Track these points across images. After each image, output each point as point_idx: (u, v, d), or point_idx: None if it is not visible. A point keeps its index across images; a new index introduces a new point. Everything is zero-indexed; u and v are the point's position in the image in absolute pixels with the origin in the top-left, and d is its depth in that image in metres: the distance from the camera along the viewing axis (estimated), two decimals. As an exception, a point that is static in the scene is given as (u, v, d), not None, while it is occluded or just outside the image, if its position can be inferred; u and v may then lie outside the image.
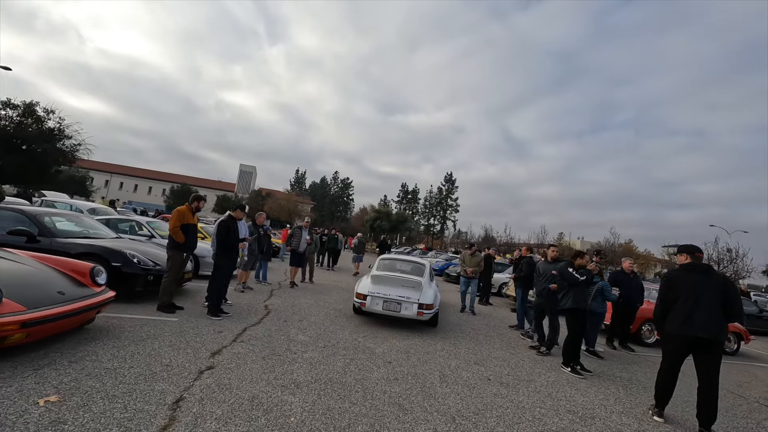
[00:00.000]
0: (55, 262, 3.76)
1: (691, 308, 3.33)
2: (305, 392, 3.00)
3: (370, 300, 5.36)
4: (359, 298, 5.47)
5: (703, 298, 3.32)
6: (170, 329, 4.11)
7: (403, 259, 7.19)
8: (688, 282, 3.45)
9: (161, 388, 2.74)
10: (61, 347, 3.21)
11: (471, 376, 3.96)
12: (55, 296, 3.19)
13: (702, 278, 3.43)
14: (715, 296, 3.31)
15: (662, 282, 3.79)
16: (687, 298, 3.38)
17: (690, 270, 3.56)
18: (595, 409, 3.50)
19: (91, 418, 2.24)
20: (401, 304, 5.28)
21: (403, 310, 5.27)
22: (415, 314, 5.23)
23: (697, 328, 3.27)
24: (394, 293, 5.38)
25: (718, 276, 3.51)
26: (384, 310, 5.33)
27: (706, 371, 3.30)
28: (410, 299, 5.29)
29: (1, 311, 2.66)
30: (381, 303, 5.33)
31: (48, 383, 2.58)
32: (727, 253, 31.73)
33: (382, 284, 5.65)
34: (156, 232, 7.62)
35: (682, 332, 3.34)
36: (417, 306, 5.23)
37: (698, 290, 3.36)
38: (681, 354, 3.44)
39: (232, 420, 2.44)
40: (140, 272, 4.99)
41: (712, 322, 3.26)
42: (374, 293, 5.40)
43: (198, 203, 5.20)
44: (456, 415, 2.97)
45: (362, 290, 5.52)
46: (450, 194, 65.74)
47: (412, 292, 5.45)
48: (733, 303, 3.34)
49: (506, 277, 11.48)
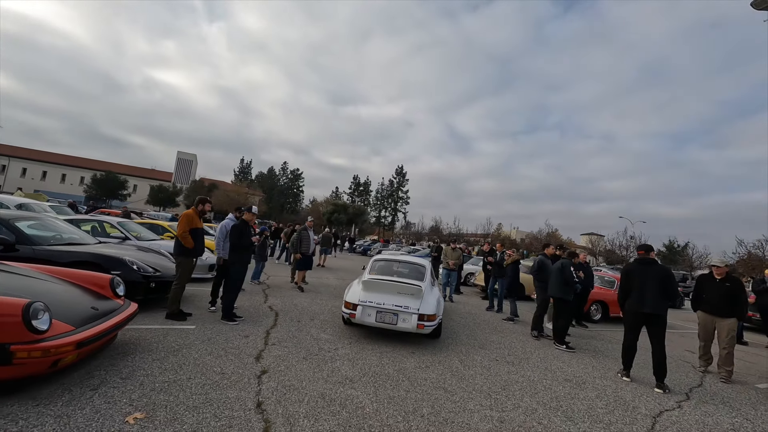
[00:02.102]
0: (70, 276, 3.47)
1: (642, 291, 4.36)
2: (362, 386, 3.31)
3: (360, 310, 4.60)
4: (348, 307, 4.69)
5: (649, 284, 4.34)
6: (196, 337, 4.04)
7: (401, 260, 6.25)
8: (639, 272, 4.48)
9: (234, 395, 2.84)
10: (99, 365, 3.07)
11: (482, 359, 4.59)
12: (92, 312, 3.02)
13: (648, 269, 4.46)
14: (657, 282, 4.33)
15: (622, 273, 4.88)
16: (639, 284, 4.40)
17: (640, 263, 4.61)
18: (582, 376, 4.36)
19: (192, 428, 2.33)
20: (398, 315, 4.56)
21: (400, 323, 4.54)
22: (414, 327, 4.51)
23: (647, 305, 4.30)
24: (389, 302, 4.61)
25: (659, 267, 4.54)
26: (377, 323, 4.59)
27: (655, 339, 4.35)
28: (409, 309, 4.55)
29: (53, 333, 2.52)
30: (374, 314, 4.60)
31: (118, 401, 2.54)
32: (631, 240, 38.12)
33: (376, 291, 4.82)
34: (130, 234, 6.96)
35: (636, 309, 4.38)
36: (417, 317, 4.51)
37: (645, 278, 4.39)
38: (638, 326, 4.49)
39: (320, 416, 2.68)
40: (141, 280, 4.70)
41: (656, 300, 4.29)
42: (366, 302, 4.63)
43: (204, 206, 5.00)
44: (489, 392, 3.54)
45: (352, 299, 4.74)
46: (401, 187, 67.56)
47: (411, 300, 4.68)
48: (670, 286, 4.40)
49: (473, 268, 12.61)
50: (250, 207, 5.47)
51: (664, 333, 4.37)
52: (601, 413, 3.35)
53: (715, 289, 5.04)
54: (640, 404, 3.69)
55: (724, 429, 3.36)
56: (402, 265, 5.98)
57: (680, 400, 3.98)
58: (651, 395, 3.99)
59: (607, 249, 41.26)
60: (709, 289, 5.12)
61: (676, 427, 3.25)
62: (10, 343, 2.26)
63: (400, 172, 68.26)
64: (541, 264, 6.30)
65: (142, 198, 46.40)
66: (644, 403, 3.74)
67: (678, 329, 9.13)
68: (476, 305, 8.91)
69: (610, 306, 8.43)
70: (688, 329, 9.19)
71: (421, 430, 2.65)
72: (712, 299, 5.03)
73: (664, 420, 3.38)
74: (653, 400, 3.84)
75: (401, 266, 5.93)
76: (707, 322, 5.12)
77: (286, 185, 74.31)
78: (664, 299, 4.36)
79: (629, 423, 3.21)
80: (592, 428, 3.02)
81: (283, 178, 75.27)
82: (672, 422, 3.35)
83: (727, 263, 5.30)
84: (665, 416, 3.47)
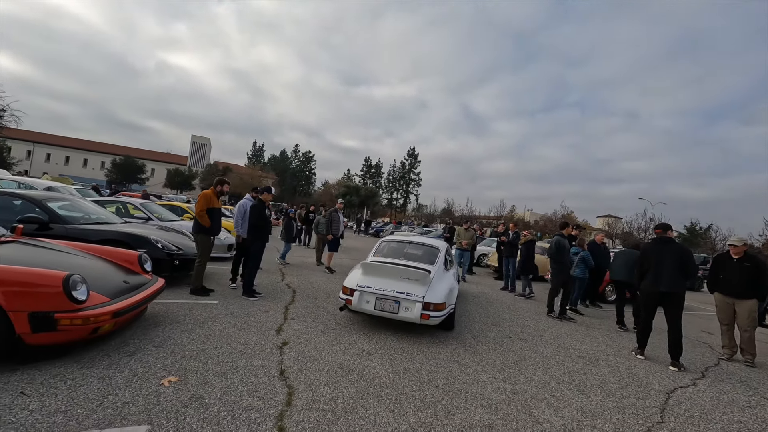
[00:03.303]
0: (101, 252, 3.66)
1: (658, 270, 4.31)
2: (378, 358, 3.44)
3: (358, 296, 4.14)
4: (345, 293, 4.28)
5: (666, 263, 4.30)
6: (220, 311, 4.24)
7: (411, 242, 5.66)
8: (657, 251, 4.43)
9: (258, 363, 3.01)
10: (133, 334, 3.28)
11: (495, 335, 4.66)
12: (124, 286, 3.20)
13: (666, 247, 4.41)
14: (675, 260, 4.28)
15: (640, 251, 4.81)
16: (656, 263, 4.36)
17: (657, 242, 4.54)
18: (596, 353, 4.40)
19: (221, 391, 2.49)
20: (400, 302, 4.05)
21: (402, 311, 4.03)
22: (417, 317, 3.95)
23: (663, 284, 4.26)
24: (390, 288, 4.13)
25: (677, 245, 4.47)
26: (377, 310, 4.11)
27: (672, 318, 4.30)
28: (412, 296, 4.03)
29: (91, 303, 2.70)
30: (373, 300, 4.11)
31: (153, 366, 2.72)
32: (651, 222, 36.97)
33: (376, 275, 4.34)
34: (152, 215, 7.22)
35: (652, 289, 4.34)
36: (421, 306, 3.98)
37: (662, 257, 4.35)
38: (653, 306, 4.44)
39: (339, 384, 2.81)
40: (165, 257, 4.91)
41: (673, 279, 4.24)
42: (364, 287, 4.17)
43: (222, 186, 5.11)
44: (502, 366, 3.62)
45: (349, 283, 4.32)
46: (413, 168, 66.86)
47: (416, 286, 4.15)
48: (688, 264, 4.32)
49: (486, 249, 12.58)
50: (269, 187, 5.57)
51: (680, 312, 4.31)
52: (614, 388, 3.39)
53: (732, 269, 4.87)
54: (654, 381, 3.71)
55: (740, 406, 3.36)
56: (413, 246, 5.45)
57: (695, 378, 3.97)
58: (665, 373, 4.00)
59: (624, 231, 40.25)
60: (726, 270, 4.95)
61: (689, 403, 3.27)
62: (54, 311, 2.44)
63: (412, 153, 67.41)
64: (559, 245, 6.13)
65: (160, 181, 47.57)
66: (658, 380, 3.76)
67: (696, 311, 8.98)
68: (489, 285, 8.96)
69: (626, 287, 8.32)
70: (706, 311, 9.03)
71: (436, 398, 2.76)
72: (731, 280, 4.87)
73: (678, 396, 3.40)
74: (667, 378, 3.85)
75: (412, 248, 5.40)
76: (725, 304, 4.98)
77: (298, 168, 74.59)
78: (682, 278, 4.29)
79: (642, 398, 3.25)
80: (604, 401, 3.07)
81: (296, 160, 75.49)
82: (686, 398, 3.37)
83: (746, 242, 5.05)
84: (679, 392, 3.49)
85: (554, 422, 2.62)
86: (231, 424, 2.14)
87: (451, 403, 2.72)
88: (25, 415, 2.00)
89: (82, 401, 2.19)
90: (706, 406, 3.24)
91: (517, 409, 2.74)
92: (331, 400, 2.55)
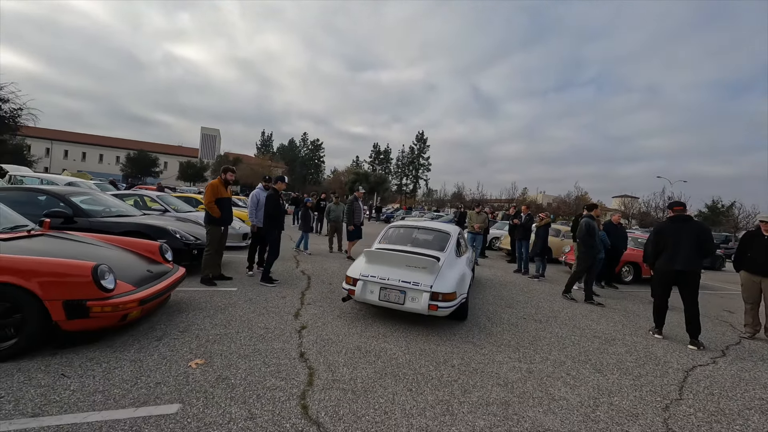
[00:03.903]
0: (124, 243, 3.80)
1: (675, 250, 4.22)
2: (395, 340, 3.51)
3: (361, 286, 3.91)
4: (348, 282, 4.06)
5: (683, 242, 4.20)
6: (239, 298, 4.38)
7: (420, 227, 5.29)
8: (673, 230, 4.32)
9: (279, 346, 3.11)
10: (159, 320, 3.43)
11: (509, 317, 4.68)
12: (148, 275, 3.33)
13: (683, 226, 4.29)
14: (692, 239, 4.18)
15: (653, 231, 4.69)
16: (673, 242, 4.26)
17: (674, 220, 4.41)
18: (612, 333, 4.38)
19: (246, 372, 2.60)
20: (405, 292, 3.78)
21: (408, 302, 3.75)
22: (425, 308, 3.66)
23: (679, 263, 4.18)
24: (395, 277, 3.86)
25: (695, 223, 4.37)
26: (381, 301, 3.86)
27: (689, 297, 4.23)
28: (419, 286, 3.74)
29: (119, 291, 2.82)
30: (377, 290, 3.86)
31: (180, 350, 2.85)
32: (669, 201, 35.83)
33: (381, 263, 4.08)
34: (169, 207, 7.41)
35: (669, 268, 4.26)
36: (428, 296, 3.69)
37: (679, 235, 4.24)
38: (668, 285, 4.38)
39: (357, 365, 2.90)
40: (183, 247, 5.06)
41: (690, 258, 4.16)
42: (368, 277, 3.92)
43: (227, 175, 5.13)
44: (517, 346, 3.65)
45: (352, 272, 4.09)
46: (422, 153, 66.15)
47: (424, 275, 3.86)
48: (706, 242, 4.23)
49: (498, 233, 12.49)
50: (282, 177, 5.61)
51: (697, 290, 4.24)
52: (631, 366, 3.39)
53: (762, 246, 4.71)
54: (672, 359, 3.69)
55: (762, 384, 3.32)
56: (422, 231, 5.15)
57: (715, 356, 3.93)
58: (684, 352, 3.96)
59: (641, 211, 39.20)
60: (755, 247, 4.79)
61: (709, 381, 3.25)
62: (86, 299, 2.56)
63: (421, 138, 66.54)
64: (589, 227, 5.85)
65: (173, 174, 48.43)
66: (676, 358, 3.73)
67: (717, 290, 8.78)
68: (502, 268, 8.93)
69: (642, 267, 8.18)
70: (728, 290, 8.82)
71: (452, 378, 2.82)
72: (759, 257, 4.72)
73: (697, 374, 3.38)
74: (686, 356, 3.82)
75: (421, 233, 5.11)
76: (751, 282, 4.84)
77: (307, 156, 74.73)
78: (699, 256, 4.21)
79: (660, 376, 3.24)
80: (621, 379, 3.08)
81: (304, 149, 75.57)
82: (705, 376, 3.35)
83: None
84: (698, 371, 3.46)
85: (570, 399, 2.65)
86: (257, 403, 2.24)
87: (467, 382, 2.77)
88: (68, 394, 2.15)
89: (118, 382, 2.32)
90: (727, 384, 3.22)
91: (533, 387, 2.78)
92: (350, 380, 2.63)
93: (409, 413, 2.28)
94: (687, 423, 2.49)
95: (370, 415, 2.22)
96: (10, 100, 18.25)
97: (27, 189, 4.82)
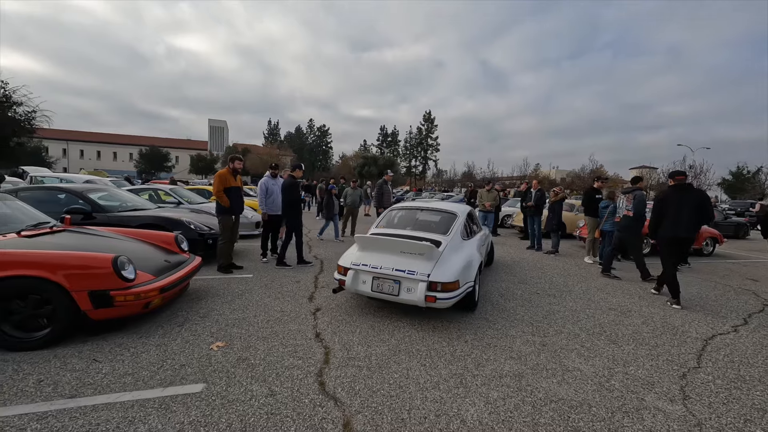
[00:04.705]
0: (141, 235, 3.92)
1: (678, 217, 4.35)
2: (408, 318, 3.56)
3: (352, 276, 3.51)
4: (340, 272, 3.69)
5: (685, 209, 4.33)
6: (255, 284, 4.50)
7: (424, 208, 4.73)
8: (676, 198, 4.43)
9: (295, 328, 3.21)
10: (180, 307, 3.57)
11: (522, 293, 4.67)
12: (166, 264, 3.44)
13: (685, 194, 4.41)
14: (694, 206, 4.30)
15: (655, 200, 4.78)
16: (675, 210, 4.38)
17: (675, 189, 4.51)
18: (628, 306, 4.33)
19: (265, 353, 2.70)
20: (400, 282, 3.35)
21: (403, 293, 3.32)
22: (421, 299, 3.22)
23: (682, 230, 4.34)
24: (388, 265, 3.43)
25: (696, 191, 4.49)
26: (374, 292, 3.44)
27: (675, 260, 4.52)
28: (414, 275, 3.30)
29: (139, 281, 2.93)
30: (370, 280, 3.46)
31: (202, 334, 2.98)
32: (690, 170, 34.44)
33: (374, 250, 3.67)
34: (182, 199, 7.57)
35: (672, 234, 4.39)
36: (425, 285, 3.24)
37: (681, 203, 4.36)
38: (674, 252, 4.52)
39: (372, 343, 2.97)
40: (198, 237, 5.19)
41: (690, 225, 4.33)
42: (359, 265, 3.52)
43: (234, 164, 5.16)
44: (531, 321, 3.66)
45: (344, 261, 3.70)
46: (430, 134, 64.93)
47: (420, 262, 3.41)
48: (706, 210, 4.34)
49: (510, 210, 12.32)
50: (300, 165, 5.72)
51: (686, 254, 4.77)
52: (647, 337, 3.36)
53: None
54: (691, 329, 3.63)
55: (785, 349, 3.25)
56: (426, 213, 4.62)
57: (737, 324, 3.85)
58: (703, 321, 3.89)
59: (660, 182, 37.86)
60: None
61: (729, 349, 3.19)
62: (109, 290, 2.68)
63: (428, 118, 65.14)
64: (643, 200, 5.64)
65: (185, 168, 49.29)
66: (695, 328, 3.68)
67: (741, 259, 8.51)
68: (514, 245, 8.86)
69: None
70: (752, 259, 8.54)
71: (466, 352, 2.86)
72: None
73: (717, 342, 3.33)
74: (706, 325, 3.75)
75: (425, 215, 4.60)
76: None
77: (314, 143, 74.50)
78: (700, 223, 4.40)
79: (677, 345, 3.21)
80: (637, 350, 3.06)
81: (311, 135, 75.26)
82: (726, 344, 3.29)
83: None
84: (718, 339, 3.41)
85: (584, 370, 2.66)
86: (276, 380, 2.33)
87: (480, 356, 2.81)
88: (100, 377, 2.28)
89: (145, 365, 2.45)
90: (748, 351, 3.16)
91: (547, 360, 2.80)
92: (365, 357, 2.70)
93: (423, 387, 2.34)
94: (705, 390, 2.47)
95: (385, 390, 2.29)
96: (24, 103, 18.71)
97: (47, 188, 4.98)
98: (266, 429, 1.89)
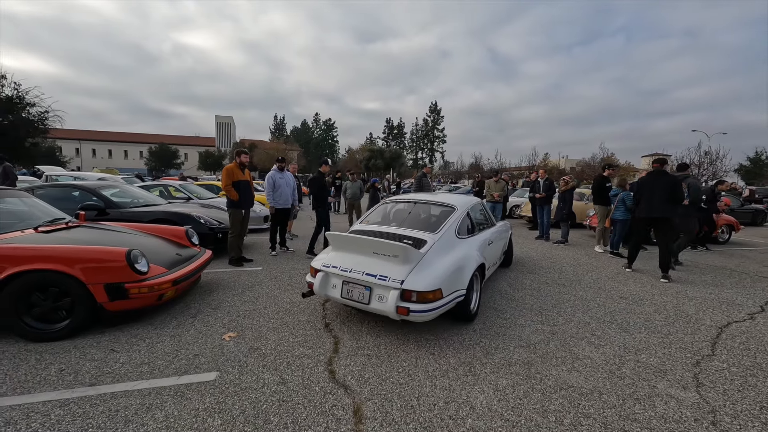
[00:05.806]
0: (153, 230, 3.99)
1: (651, 200, 4.88)
2: (416, 308, 3.57)
3: (320, 279, 3.07)
4: (312, 274, 3.25)
5: (657, 192, 4.84)
6: (265, 276, 4.57)
7: (419, 201, 4.14)
8: (651, 183, 4.95)
9: (304, 318, 3.26)
10: (193, 299, 3.64)
11: (531, 282, 4.64)
12: (177, 258, 3.51)
13: (660, 179, 4.89)
14: (665, 190, 4.79)
15: (635, 184, 5.43)
16: (649, 193, 4.91)
17: (652, 175, 5.02)
18: (640, 294, 4.27)
19: (276, 343, 2.75)
20: (371, 289, 2.85)
21: (374, 301, 2.82)
22: (393, 310, 2.70)
23: (655, 211, 4.85)
24: (359, 268, 2.94)
25: (669, 176, 4.91)
26: (344, 298, 2.97)
27: (661, 239, 4.94)
28: (386, 281, 2.78)
29: (152, 274, 3.00)
30: (340, 284, 3.00)
31: (214, 325, 3.04)
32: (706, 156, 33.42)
33: (348, 250, 3.19)
34: (192, 195, 7.68)
35: (645, 215, 4.96)
36: (398, 294, 2.72)
37: (654, 187, 4.88)
38: (644, 230, 5.26)
39: (380, 333, 2.99)
40: (208, 232, 5.26)
41: (663, 205, 4.80)
42: (329, 267, 3.08)
43: (240, 157, 5.18)
44: (540, 310, 3.64)
45: (315, 262, 3.26)
46: (436, 125, 64.33)
47: (395, 265, 2.89)
48: (675, 192, 4.76)
49: (518, 200, 12.18)
50: (326, 160, 5.99)
51: (671, 234, 4.99)
52: (660, 325, 3.31)
53: None
54: (705, 317, 3.57)
55: (804, 337, 3.17)
56: (421, 206, 4.08)
57: (753, 312, 3.76)
58: (718, 309, 3.82)
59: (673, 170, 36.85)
60: None
61: (745, 336, 3.13)
62: (124, 282, 2.75)
63: (435, 109, 64.45)
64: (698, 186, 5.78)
65: (194, 164, 49.80)
66: (710, 315, 3.61)
67: (757, 246, 8.29)
68: (523, 235, 8.78)
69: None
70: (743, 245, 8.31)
71: (474, 341, 2.87)
72: None
73: (732, 330, 3.26)
74: (721, 313, 3.68)
75: (419, 208, 4.06)
76: None
77: (320, 137, 74.47)
78: (672, 205, 4.82)
79: (691, 333, 3.16)
80: (649, 338, 3.03)
81: (317, 129, 75.22)
82: (741, 332, 3.23)
83: None
84: (733, 327, 3.34)
85: (595, 358, 2.64)
86: (287, 369, 2.38)
87: (489, 344, 2.81)
88: (118, 366, 2.36)
89: (161, 355, 2.52)
90: (765, 338, 3.09)
91: (557, 348, 2.79)
92: (374, 347, 2.73)
93: (432, 374, 2.36)
94: (719, 377, 2.44)
95: (394, 378, 2.32)
96: (36, 104, 19.09)
97: (62, 185, 5.11)
98: (278, 415, 1.93)
